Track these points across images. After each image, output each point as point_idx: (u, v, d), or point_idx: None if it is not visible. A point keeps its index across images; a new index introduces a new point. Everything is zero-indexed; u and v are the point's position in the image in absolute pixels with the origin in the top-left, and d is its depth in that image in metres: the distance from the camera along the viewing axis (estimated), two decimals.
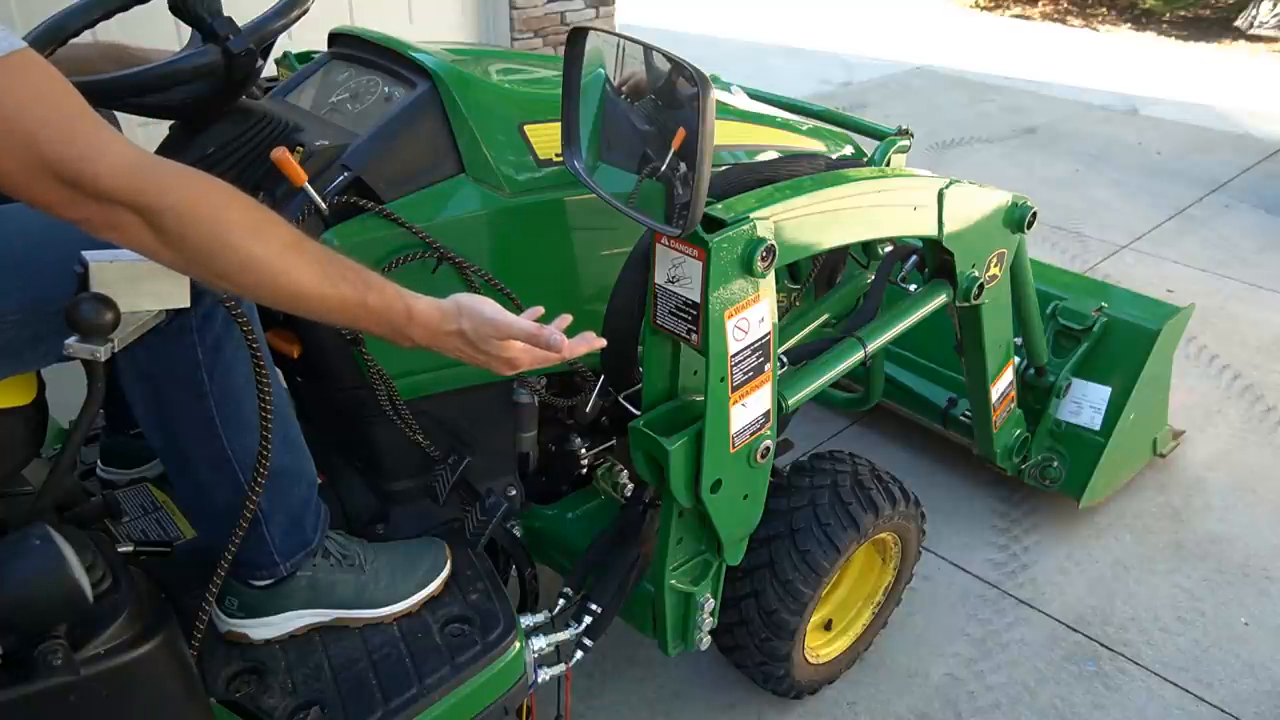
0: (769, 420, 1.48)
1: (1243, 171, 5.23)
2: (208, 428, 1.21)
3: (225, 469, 1.23)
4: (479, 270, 1.45)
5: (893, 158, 1.98)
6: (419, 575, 1.45)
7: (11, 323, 1.03)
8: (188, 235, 0.87)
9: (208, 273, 0.92)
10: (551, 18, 4.77)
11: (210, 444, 1.22)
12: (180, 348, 1.16)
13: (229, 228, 0.89)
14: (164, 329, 1.13)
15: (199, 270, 0.92)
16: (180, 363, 1.17)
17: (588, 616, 1.56)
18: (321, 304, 0.98)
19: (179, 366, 1.17)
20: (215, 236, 0.89)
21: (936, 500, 2.47)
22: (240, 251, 0.90)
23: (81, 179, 0.82)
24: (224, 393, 1.19)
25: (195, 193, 0.88)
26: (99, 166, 0.82)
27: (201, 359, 1.17)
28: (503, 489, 1.61)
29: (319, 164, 1.37)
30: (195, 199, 0.88)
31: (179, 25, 1.36)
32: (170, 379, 1.19)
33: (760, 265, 1.32)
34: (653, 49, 1.34)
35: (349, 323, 1.05)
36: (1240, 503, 2.65)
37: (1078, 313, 2.45)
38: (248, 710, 1.29)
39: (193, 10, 1.32)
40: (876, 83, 6.84)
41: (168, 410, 1.22)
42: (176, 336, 1.15)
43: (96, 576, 1.06)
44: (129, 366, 1.19)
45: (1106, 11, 9.41)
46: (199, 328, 1.16)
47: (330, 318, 1.02)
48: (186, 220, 0.87)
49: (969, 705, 2.02)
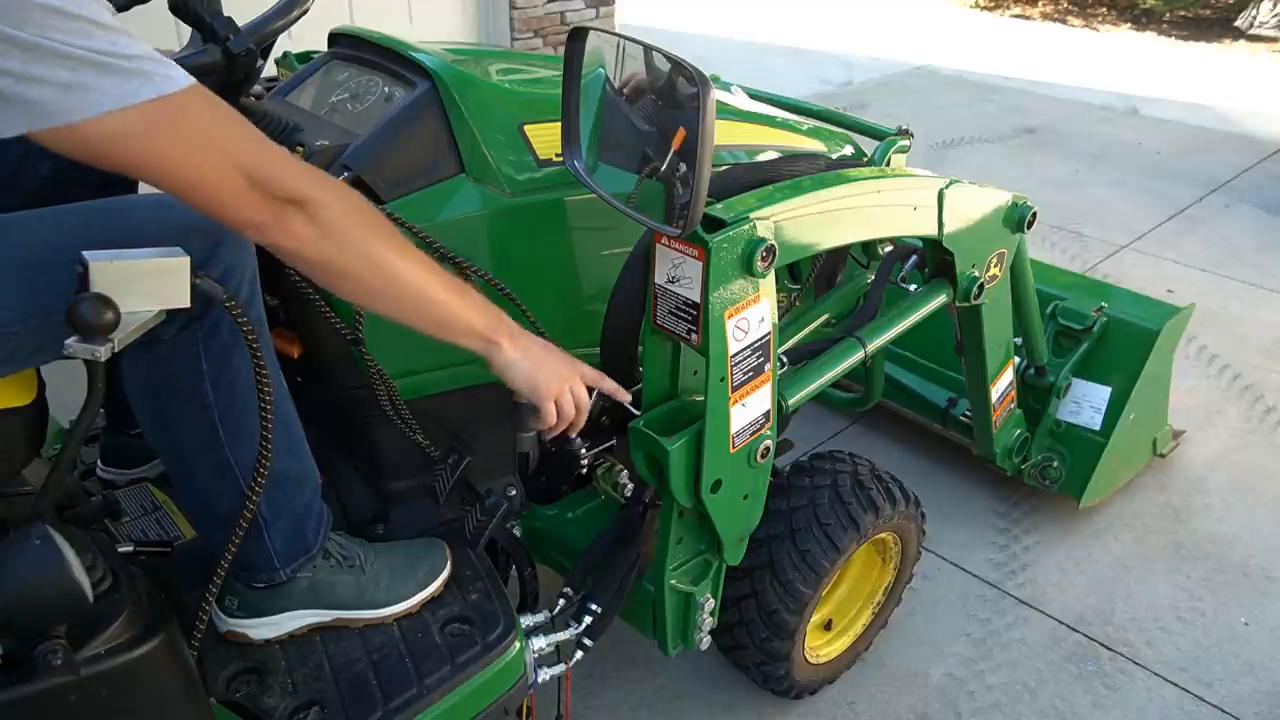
0: (769, 420, 1.48)
1: (1243, 171, 5.23)
2: (210, 436, 1.21)
3: (227, 476, 1.23)
4: (479, 270, 1.45)
5: (893, 158, 1.98)
6: (419, 576, 1.45)
7: (15, 333, 1.03)
8: (338, 221, 1.03)
9: (356, 259, 1.06)
10: (551, 18, 4.77)
11: (213, 452, 1.22)
12: (186, 358, 1.16)
13: (367, 215, 1.08)
14: (170, 339, 1.13)
15: (350, 259, 1.06)
16: (185, 373, 1.17)
17: (588, 616, 1.56)
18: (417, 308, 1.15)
19: (183, 377, 1.17)
20: (360, 221, 1.06)
21: (936, 500, 2.47)
22: (379, 231, 1.08)
23: (270, 181, 0.97)
24: (229, 402, 1.19)
25: (343, 190, 1.08)
26: (279, 170, 0.98)
27: (206, 369, 1.17)
28: (503, 489, 1.61)
29: (319, 164, 1.37)
30: (344, 192, 1.07)
31: (179, 25, 1.36)
32: (174, 389, 1.19)
33: (760, 265, 1.32)
34: (653, 49, 1.34)
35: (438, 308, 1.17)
36: (1240, 503, 2.65)
37: (1078, 313, 2.45)
38: (248, 710, 1.29)
39: (193, 10, 1.32)
40: (876, 83, 6.84)
41: (171, 418, 1.23)
42: (183, 347, 1.15)
43: (96, 576, 1.06)
44: (133, 374, 1.19)
45: (1106, 11, 9.41)
46: (205, 338, 1.15)
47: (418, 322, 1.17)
48: (338, 209, 1.03)
49: (969, 705, 2.02)
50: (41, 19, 0.80)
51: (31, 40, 0.80)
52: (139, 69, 0.86)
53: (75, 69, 0.82)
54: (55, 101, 0.83)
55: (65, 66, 0.82)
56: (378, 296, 1.11)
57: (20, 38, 0.79)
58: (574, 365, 1.34)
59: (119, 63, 0.84)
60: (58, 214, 1.10)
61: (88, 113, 0.84)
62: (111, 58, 0.84)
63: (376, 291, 1.10)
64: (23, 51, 0.80)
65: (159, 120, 0.88)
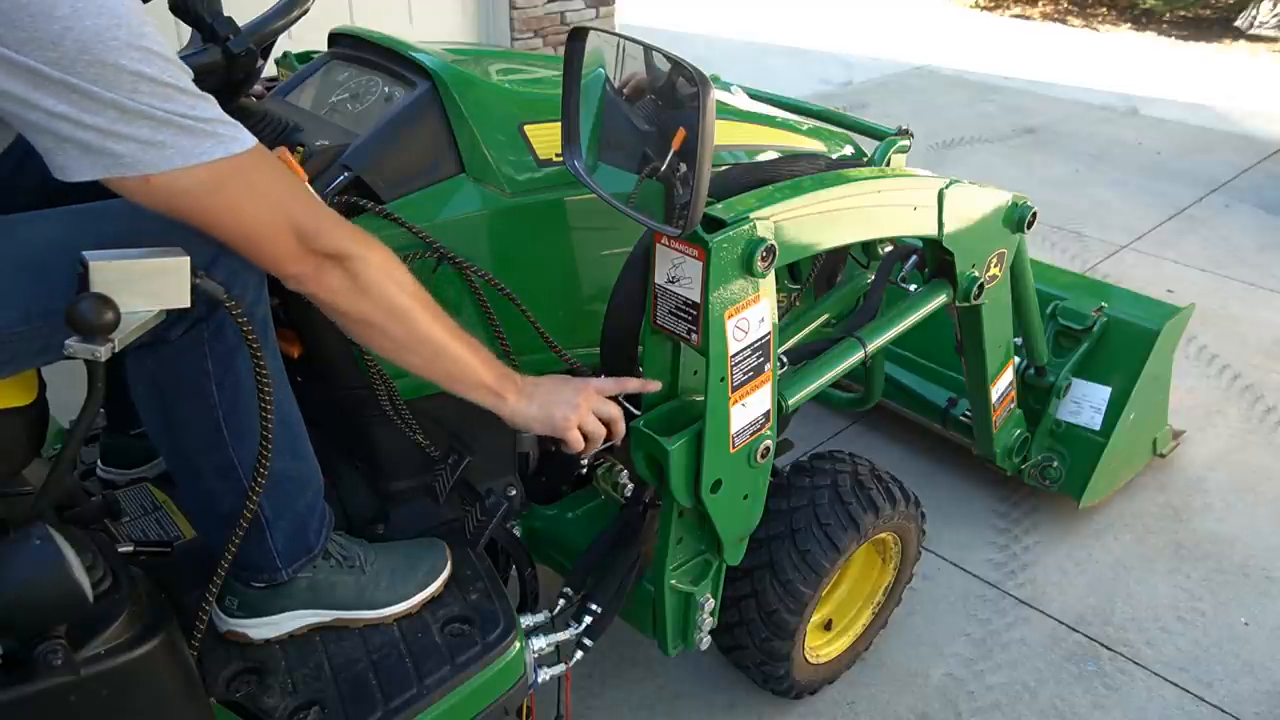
0: (769, 420, 1.48)
1: (1243, 171, 5.23)
2: (215, 437, 1.21)
3: (231, 476, 1.23)
4: (479, 270, 1.45)
5: (893, 158, 1.98)
6: (419, 576, 1.45)
7: (19, 334, 1.03)
8: (372, 278, 1.13)
9: (384, 314, 1.16)
10: (551, 18, 4.77)
11: (217, 452, 1.22)
12: (191, 359, 1.16)
13: (398, 274, 1.16)
14: (175, 341, 1.13)
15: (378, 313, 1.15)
16: (190, 374, 1.17)
17: (588, 616, 1.56)
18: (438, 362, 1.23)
19: (188, 378, 1.17)
20: (391, 279, 1.15)
21: (936, 500, 2.47)
22: (406, 288, 1.17)
23: (316, 238, 1.06)
24: (233, 403, 1.19)
25: (379, 248, 1.15)
26: (324, 225, 1.08)
27: (211, 370, 1.17)
28: (503, 489, 1.61)
29: (319, 164, 1.37)
30: (380, 251, 1.15)
31: (179, 25, 1.36)
32: (179, 390, 1.19)
33: (760, 265, 1.32)
34: (653, 49, 1.34)
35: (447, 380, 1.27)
36: (1240, 503, 2.65)
37: (1078, 313, 2.45)
38: (248, 710, 1.29)
39: (193, 10, 1.32)
40: (876, 83, 6.84)
41: (175, 419, 1.23)
42: (188, 348, 1.15)
43: (96, 576, 1.06)
44: (138, 374, 1.19)
45: (1106, 11, 9.41)
46: (210, 339, 1.16)
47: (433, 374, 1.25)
48: (373, 266, 1.12)
49: (969, 705, 2.02)
50: (133, 84, 0.89)
51: (122, 101, 0.89)
52: (212, 131, 0.95)
53: (157, 129, 0.92)
54: (134, 156, 0.92)
55: (149, 126, 0.91)
56: (401, 348, 1.20)
57: (112, 99, 0.89)
58: (585, 388, 1.38)
59: (196, 125, 0.94)
60: (62, 214, 1.10)
61: (163, 167, 0.93)
62: (190, 120, 0.94)
63: (399, 343, 1.20)
64: (113, 111, 0.89)
65: (223, 177, 0.97)
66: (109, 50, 0.87)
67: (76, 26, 0.86)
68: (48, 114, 0.88)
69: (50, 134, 0.90)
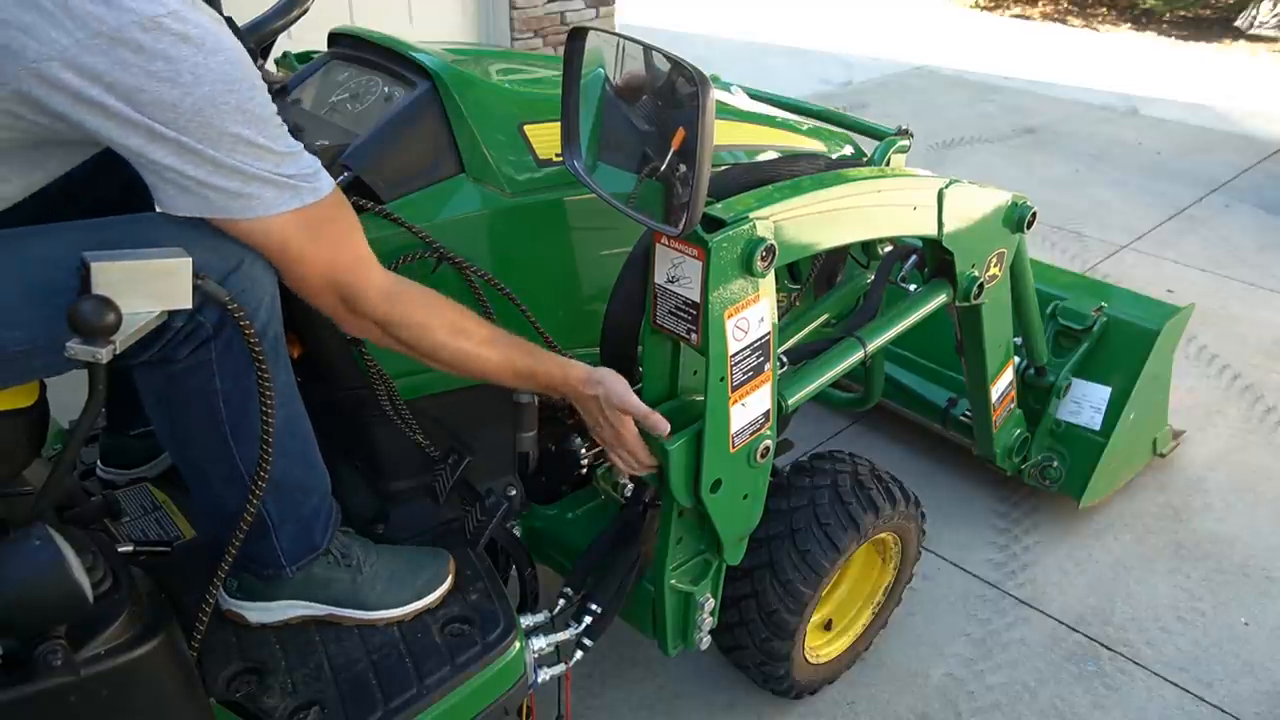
0: (769, 420, 1.48)
1: (1243, 171, 5.23)
2: (222, 447, 1.22)
3: (238, 483, 1.23)
4: (479, 270, 1.45)
5: (892, 158, 1.98)
6: (418, 584, 1.45)
7: (25, 352, 1.04)
8: (413, 340, 1.22)
9: (423, 358, 1.25)
10: (551, 18, 4.77)
11: (224, 461, 1.22)
12: (199, 378, 1.16)
13: (439, 330, 1.23)
14: (183, 359, 1.13)
15: (424, 356, 1.25)
16: (197, 392, 1.17)
17: (588, 616, 1.56)
18: (499, 377, 1.30)
19: (196, 395, 1.17)
20: (430, 339, 1.23)
21: (936, 500, 2.47)
22: (449, 347, 1.24)
23: (358, 303, 1.16)
24: (240, 416, 1.20)
25: (421, 308, 1.22)
26: (369, 293, 1.16)
27: (219, 388, 1.17)
28: (503, 489, 1.61)
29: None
30: (422, 316, 1.22)
31: None
32: (186, 406, 1.19)
33: (760, 265, 1.32)
34: (653, 49, 1.34)
35: (519, 386, 1.37)
36: (1240, 503, 2.65)
37: (1078, 313, 2.45)
38: (248, 710, 1.29)
39: None
40: (876, 83, 6.84)
41: (182, 430, 1.23)
42: (196, 368, 1.15)
43: (96, 576, 1.06)
44: (147, 387, 1.19)
45: (1106, 11, 9.41)
46: (218, 358, 1.15)
47: (505, 384, 1.34)
48: (415, 330, 1.21)
49: (969, 705, 2.02)
50: (232, 145, 1.01)
51: (218, 157, 1.01)
52: (294, 185, 1.08)
53: (246, 183, 1.04)
54: (223, 202, 1.05)
55: (239, 179, 1.03)
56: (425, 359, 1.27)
57: (209, 154, 1.01)
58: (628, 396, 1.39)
59: (280, 179, 1.06)
60: (73, 230, 1.08)
61: (248, 215, 1.06)
62: (276, 175, 1.06)
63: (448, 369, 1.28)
64: (210, 165, 1.01)
65: (296, 226, 1.10)
66: (219, 115, 0.99)
67: (195, 93, 0.97)
68: (158, 163, 1.00)
69: (155, 174, 1.02)
